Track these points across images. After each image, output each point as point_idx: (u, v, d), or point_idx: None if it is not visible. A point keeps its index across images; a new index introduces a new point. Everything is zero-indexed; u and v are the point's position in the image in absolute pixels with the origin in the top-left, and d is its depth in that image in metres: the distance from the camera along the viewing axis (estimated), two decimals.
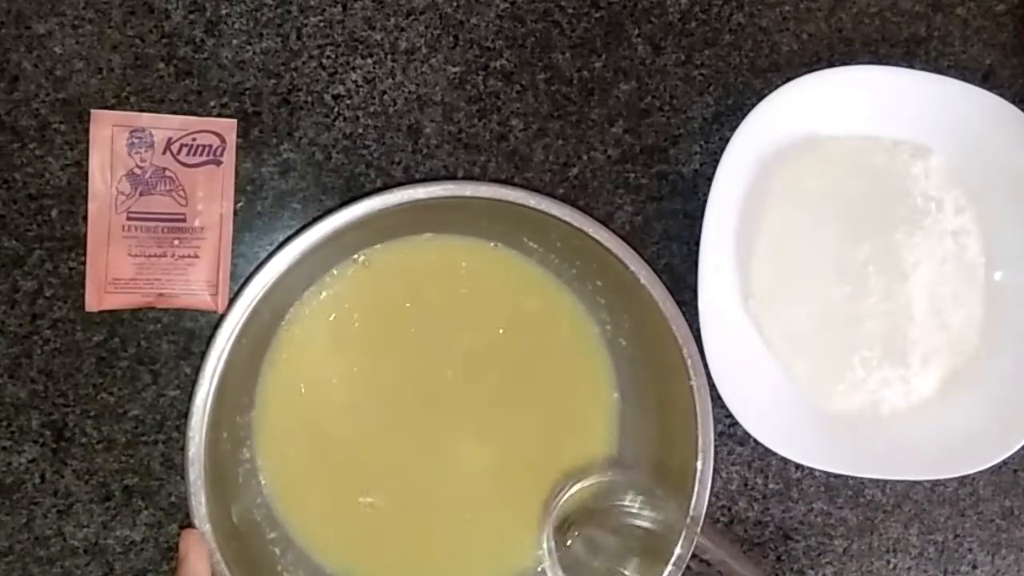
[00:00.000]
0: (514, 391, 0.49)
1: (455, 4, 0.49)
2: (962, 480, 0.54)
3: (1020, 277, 0.52)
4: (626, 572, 0.45)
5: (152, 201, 0.46)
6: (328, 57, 0.48)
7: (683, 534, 0.44)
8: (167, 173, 0.46)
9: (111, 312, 0.47)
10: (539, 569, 0.48)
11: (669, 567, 0.44)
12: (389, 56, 0.49)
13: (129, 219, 0.46)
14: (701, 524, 0.45)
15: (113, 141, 0.46)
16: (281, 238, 0.48)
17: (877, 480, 0.53)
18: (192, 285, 0.46)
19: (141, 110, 0.47)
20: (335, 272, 0.47)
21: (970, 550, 0.54)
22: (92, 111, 0.46)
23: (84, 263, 0.46)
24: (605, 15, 0.50)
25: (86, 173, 0.46)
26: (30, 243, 0.46)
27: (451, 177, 0.49)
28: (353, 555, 0.47)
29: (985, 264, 0.52)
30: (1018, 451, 0.49)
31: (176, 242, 0.46)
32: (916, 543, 0.54)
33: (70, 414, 0.47)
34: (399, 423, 0.48)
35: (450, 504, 0.48)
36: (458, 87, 0.49)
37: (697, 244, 0.47)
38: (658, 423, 0.48)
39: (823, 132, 0.51)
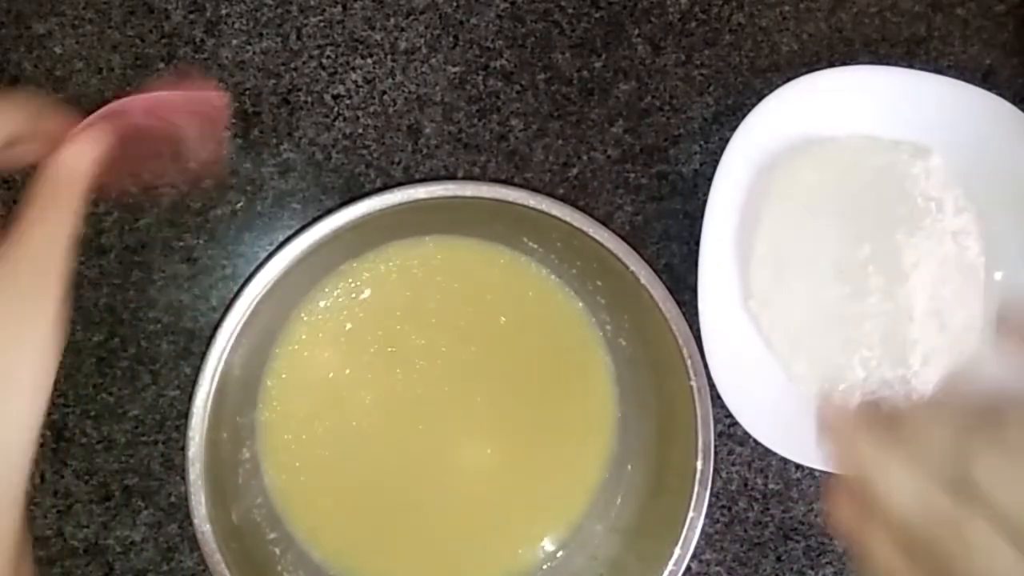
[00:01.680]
0: (514, 391, 0.49)
1: (455, 4, 0.49)
2: None
3: (1020, 277, 0.52)
4: None
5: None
6: (328, 57, 0.48)
7: None
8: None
9: (111, 312, 0.47)
10: (539, 569, 0.49)
11: (669, 566, 0.44)
12: (389, 56, 0.49)
13: None
14: None
15: None
16: (281, 238, 0.48)
17: None
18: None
19: None
20: (335, 272, 0.47)
21: None
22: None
23: None
24: (605, 15, 0.50)
25: None
26: None
27: (451, 177, 0.49)
28: (353, 555, 0.47)
29: (985, 264, 0.52)
30: None
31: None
32: None
33: (70, 414, 0.47)
34: (400, 422, 0.48)
35: (451, 504, 0.48)
36: (458, 87, 0.49)
37: (697, 244, 0.47)
38: (658, 423, 0.48)
39: (823, 132, 0.51)
